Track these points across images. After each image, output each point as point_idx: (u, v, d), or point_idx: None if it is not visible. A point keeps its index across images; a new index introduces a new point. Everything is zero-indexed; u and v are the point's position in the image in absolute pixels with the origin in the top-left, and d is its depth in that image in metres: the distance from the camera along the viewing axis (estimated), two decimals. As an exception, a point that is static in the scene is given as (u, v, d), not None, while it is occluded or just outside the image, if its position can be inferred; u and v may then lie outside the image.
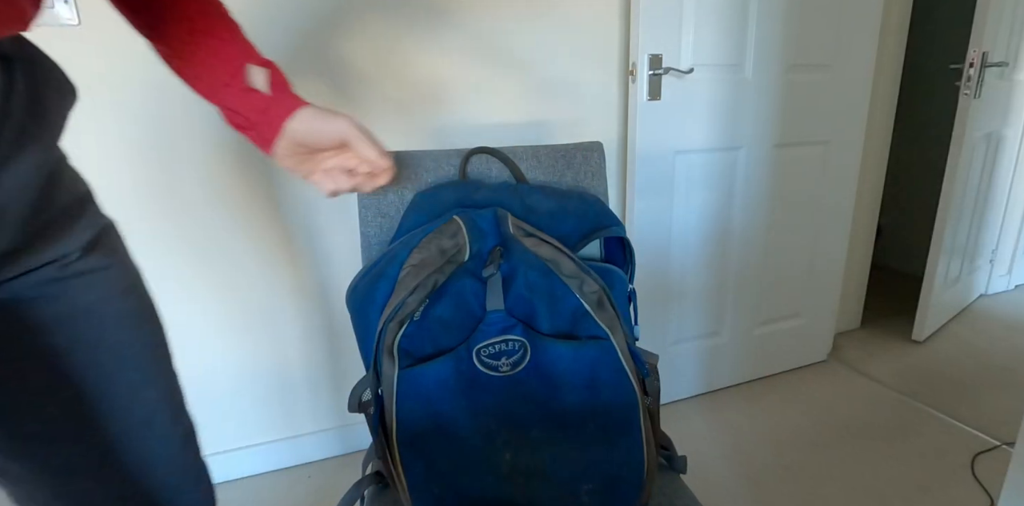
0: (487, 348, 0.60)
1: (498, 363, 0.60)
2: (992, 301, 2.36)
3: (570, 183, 0.84)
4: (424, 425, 0.60)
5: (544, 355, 0.61)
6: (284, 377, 1.40)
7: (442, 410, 0.60)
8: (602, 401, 0.61)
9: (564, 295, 0.62)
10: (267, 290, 1.32)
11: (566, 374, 0.61)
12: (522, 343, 0.61)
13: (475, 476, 0.60)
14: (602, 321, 0.61)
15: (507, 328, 0.61)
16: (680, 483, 0.73)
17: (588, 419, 0.61)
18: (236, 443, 1.40)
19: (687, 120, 1.45)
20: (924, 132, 2.62)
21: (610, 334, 0.61)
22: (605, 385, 0.61)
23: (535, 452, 0.61)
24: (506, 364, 0.60)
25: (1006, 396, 1.67)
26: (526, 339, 0.61)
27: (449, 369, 0.60)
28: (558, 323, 0.62)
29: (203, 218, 1.23)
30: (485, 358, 0.60)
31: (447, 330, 0.61)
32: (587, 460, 0.61)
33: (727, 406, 1.67)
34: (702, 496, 1.29)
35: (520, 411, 0.61)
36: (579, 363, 0.61)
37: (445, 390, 0.60)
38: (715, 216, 1.59)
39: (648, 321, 1.59)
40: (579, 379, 0.61)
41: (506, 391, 0.61)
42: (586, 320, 0.61)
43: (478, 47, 1.32)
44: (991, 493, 1.28)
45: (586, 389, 0.61)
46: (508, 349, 0.61)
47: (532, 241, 0.64)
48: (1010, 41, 1.86)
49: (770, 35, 1.47)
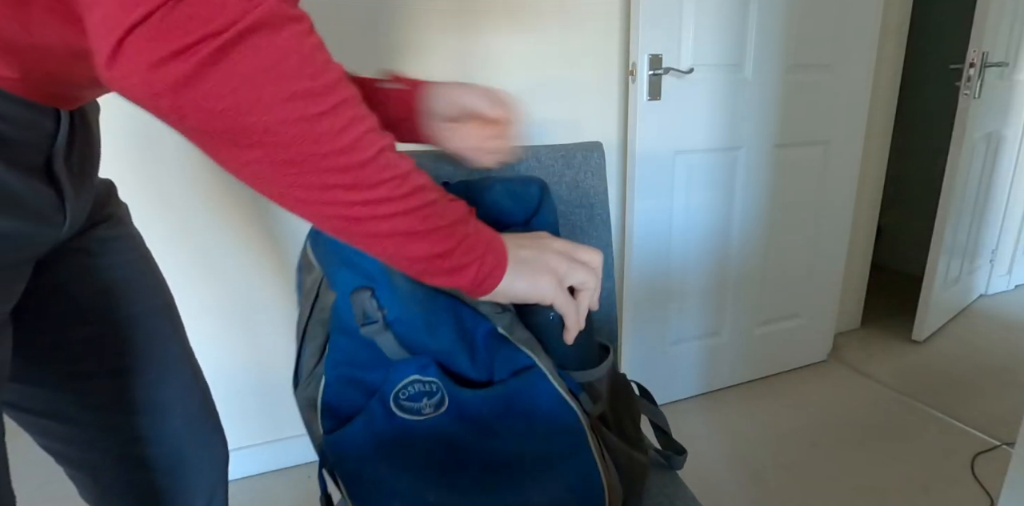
0: (404, 391, 0.54)
1: (419, 405, 0.54)
2: (992, 301, 2.36)
3: (570, 183, 0.84)
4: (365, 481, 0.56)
5: (460, 393, 0.54)
6: (286, 378, 1.40)
7: (373, 469, 0.56)
8: (538, 430, 0.55)
9: (474, 324, 0.54)
10: (254, 290, 1.32)
11: (492, 418, 0.54)
12: (434, 382, 0.54)
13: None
14: (521, 343, 0.54)
15: (420, 368, 0.54)
16: (680, 483, 0.73)
17: (527, 452, 0.56)
18: (236, 443, 1.40)
19: (687, 120, 1.45)
20: (924, 132, 2.62)
21: (534, 357, 0.54)
22: (537, 413, 0.54)
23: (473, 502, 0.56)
24: (428, 405, 0.54)
25: (1006, 396, 1.67)
26: (439, 381, 0.54)
27: (371, 423, 0.55)
28: (477, 357, 0.55)
29: (185, 218, 1.23)
30: (404, 402, 0.54)
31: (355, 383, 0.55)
32: (537, 491, 0.57)
33: (727, 406, 1.67)
34: (702, 496, 1.29)
35: (450, 458, 0.56)
36: (501, 405, 0.54)
37: (369, 451, 0.55)
38: (715, 216, 1.59)
39: (648, 321, 1.59)
40: (510, 420, 0.55)
41: (435, 438, 0.55)
42: (505, 348, 0.54)
43: (478, 47, 1.32)
44: (991, 493, 1.28)
45: (518, 421, 0.55)
46: (426, 390, 0.54)
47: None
48: (1010, 41, 1.86)
49: (770, 35, 1.47)
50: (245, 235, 1.27)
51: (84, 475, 0.62)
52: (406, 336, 0.53)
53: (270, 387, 1.39)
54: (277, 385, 1.39)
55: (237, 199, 1.24)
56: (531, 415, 0.55)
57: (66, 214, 0.46)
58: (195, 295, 1.27)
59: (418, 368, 0.53)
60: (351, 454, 0.55)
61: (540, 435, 0.55)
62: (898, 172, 2.67)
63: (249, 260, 1.29)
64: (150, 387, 0.61)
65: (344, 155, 0.33)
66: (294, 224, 1.30)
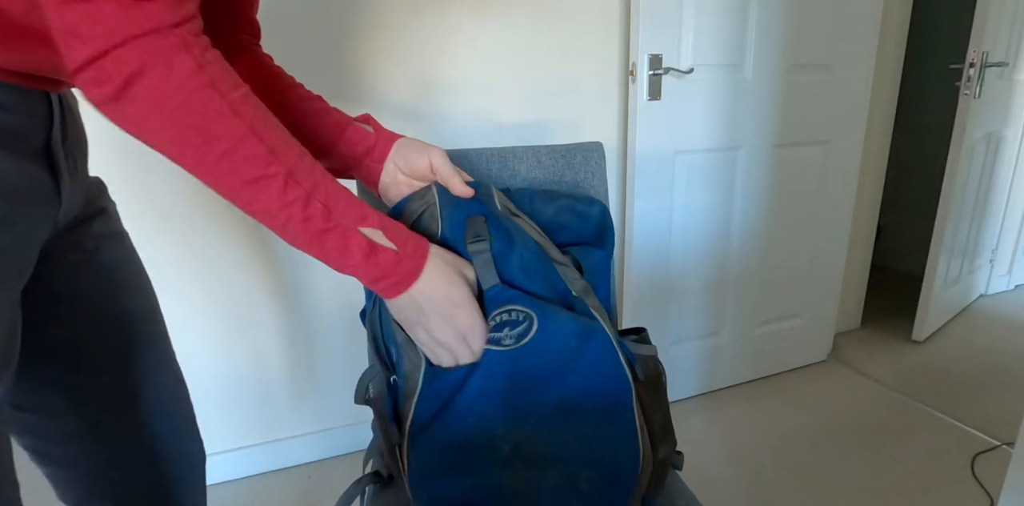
0: (493, 319, 0.57)
1: (500, 335, 0.57)
2: (992, 301, 2.36)
3: (570, 183, 0.84)
4: (433, 419, 0.58)
5: (550, 323, 0.58)
6: (284, 378, 1.40)
7: (452, 403, 0.58)
8: (599, 383, 0.60)
9: (556, 281, 0.60)
10: (248, 289, 1.32)
11: (566, 351, 0.58)
12: (527, 313, 0.57)
13: (475, 470, 0.59)
14: (593, 308, 0.61)
15: (510, 298, 0.57)
16: (680, 483, 0.73)
17: (586, 401, 0.59)
18: (236, 443, 1.40)
19: (687, 120, 1.45)
20: (924, 132, 2.62)
21: (601, 321, 0.60)
22: (601, 367, 0.60)
23: (534, 441, 0.59)
24: (509, 336, 0.57)
25: (1006, 396, 1.67)
26: (531, 309, 0.57)
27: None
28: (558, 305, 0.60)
29: (180, 221, 1.22)
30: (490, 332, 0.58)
31: None
32: (585, 446, 0.60)
33: (727, 406, 1.67)
34: (702, 496, 1.29)
35: (521, 394, 0.58)
36: (579, 339, 0.58)
37: (458, 378, 0.58)
38: (715, 216, 1.59)
39: (648, 321, 1.59)
40: (579, 357, 0.59)
41: (509, 367, 0.57)
42: (578, 305, 0.60)
43: (478, 47, 1.32)
44: (991, 493, 1.28)
45: (585, 369, 0.59)
46: (512, 319, 0.57)
47: (523, 221, 0.63)
48: (1010, 41, 1.86)
49: (770, 35, 1.47)
50: (237, 234, 1.27)
51: (66, 474, 0.62)
52: (503, 268, 0.58)
53: (268, 387, 1.39)
54: (275, 385, 1.39)
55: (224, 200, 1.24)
56: (592, 370, 0.59)
57: (61, 198, 0.49)
58: (189, 295, 1.27)
59: (514, 297, 0.57)
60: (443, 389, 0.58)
61: (595, 391, 0.59)
62: (898, 172, 2.67)
63: (242, 259, 1.29)
64: (136, 386, 0.62)
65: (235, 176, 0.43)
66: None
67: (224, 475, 1.40)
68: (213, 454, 1.38)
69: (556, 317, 0.58)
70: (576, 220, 0.72)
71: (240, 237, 1.27)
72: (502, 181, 0.82)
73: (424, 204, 0.61)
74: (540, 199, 0.71)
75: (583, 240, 0.71)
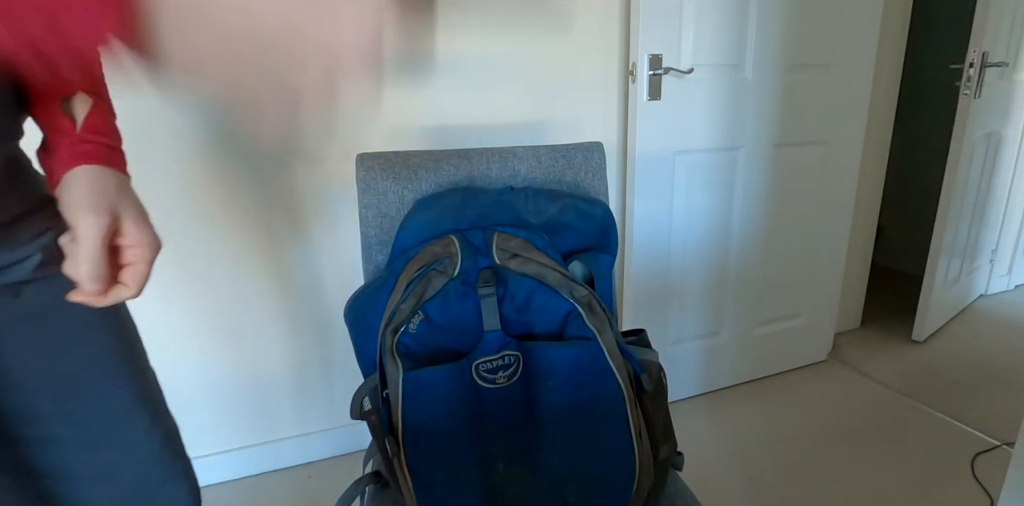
0: (485, 364, 0.64)
1: (495, 376, 0.64)
2: (992, 301, 2.36)
3: (570, 183, 0.84)
4: (427, 427, 0.62)
5: (533, 358, 0.64)
6: (284, 378, 1.40)
7: (443, 413, 0.62)
8: (584, 398, 0.63)
9: (557, 304, 0.65)
10: (240, 291, 1.32)
11: (550, 373, 0.64)
12: (516, 357, 0.65)
13: (468, 484, 0.63)
14: (591, 323, 0.64)
15: (504, 345, 0.65)
16: (680, 483, 0.73)
17: (571, 417, 0.64)
18: (235, 444, 1.40)
19: (687, 120, 1.45)
20: (924, 132, 2.62)
21: (597, 335, 0.64)
22: (587, 382, 0.63)
23: (524, 459, 0.64)
24: (502, 377, 0.64)
25: (1006, 396, 1.67)
26: (520, 352, 0.65)
27: (452, 377, 0.63)
28: (549, 329, 0.66)
29: (180, 221, 1.22)
30: (483, 373, 0.64)
31: (444, 335, 0.64)
32: (572, 460, 0.63)
33: (727, 406, 1.67)
34: (702, 496, 1.29)
35: (511, 418, 0.64)
36: (562, 361, 0.63)
37: (447, 394, 0.62)
38: (715, 216, 1.59)
39: (648, 321, 1.59)
40: (562, 377, 0.63)
41: (501, 401, 0.64)
42: (576, 323, 0.64)
43: (478, 47, 1.32)
44: (991, 493, 1.28)
45: (569, 387, 0.63)
46: (504, 364, 0.65)
47: (517, 262, 0.67)
48: (1010, 41, 1.86)
49: (770, 35, 1.47)
50: (228, 235, 1.27)
51: None
52: (503, 313, 0.65)
53: (268, 387, 1.39)
54: (274, 384, 1.39)
55: (219, 199, 1.24)
56: (579, 380, 0.63)
57: None
58: (181, 299, 1.27)
59: (503, 345, 0.64)
60: (425, 394, 0.62)
61: (584, 403, 0.63)
62: (898, 172, 2.67)
63: (234, 261, 1.29)
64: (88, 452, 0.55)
65: None
66: (276, 223, 1.30)
67: (224, 475, 1.40)
68: (213, 454, 1.38)
69: (536, 352, 0.64)
70: (580, 220, 0.74)
71: (235, 237, 1.27)
72: (502, 181, 0.82)
73: (446, 252, 0.67)
74: (544, 198, 0.73)
75: (587, 240, 0.73)
